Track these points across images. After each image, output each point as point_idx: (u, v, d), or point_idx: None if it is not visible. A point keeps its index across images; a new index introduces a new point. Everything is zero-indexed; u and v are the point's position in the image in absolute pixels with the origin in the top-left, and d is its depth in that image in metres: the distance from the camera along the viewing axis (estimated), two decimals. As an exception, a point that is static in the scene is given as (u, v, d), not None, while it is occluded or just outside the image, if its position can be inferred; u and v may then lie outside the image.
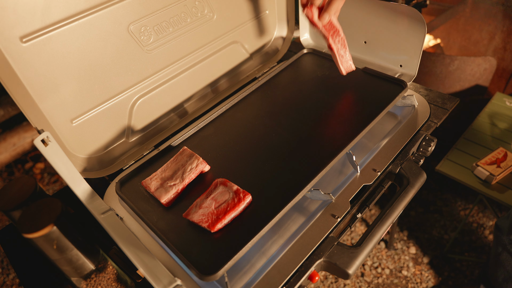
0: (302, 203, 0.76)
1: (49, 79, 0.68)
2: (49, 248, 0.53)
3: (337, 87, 0.92)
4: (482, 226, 1.71)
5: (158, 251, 0.67)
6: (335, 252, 0.66)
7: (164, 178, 0.74)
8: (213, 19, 0.92)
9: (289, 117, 0.87)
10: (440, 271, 1.59)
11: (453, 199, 1.82)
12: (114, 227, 0.64)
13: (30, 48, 0.64)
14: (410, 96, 0.89)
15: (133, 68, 0.80)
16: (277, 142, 0.80)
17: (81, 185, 0.67)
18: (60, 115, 0.72)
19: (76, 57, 0.70)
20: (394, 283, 1.58)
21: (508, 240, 1.16)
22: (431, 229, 1.73)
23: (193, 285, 0.61)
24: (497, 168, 1.32)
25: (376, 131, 0.89)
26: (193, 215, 0.66)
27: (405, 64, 0.94)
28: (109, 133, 0.82)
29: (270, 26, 1.09)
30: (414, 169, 0.78)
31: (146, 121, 0.88)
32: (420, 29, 0.85)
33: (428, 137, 0.84)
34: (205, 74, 0.97)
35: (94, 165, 0.81)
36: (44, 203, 0.54)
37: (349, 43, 1.04)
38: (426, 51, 1.75)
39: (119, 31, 0.75)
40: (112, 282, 0.63)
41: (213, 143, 0.84)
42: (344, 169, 0.82)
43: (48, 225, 0.51)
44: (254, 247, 0.70)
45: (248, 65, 1.07)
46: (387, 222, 0.70)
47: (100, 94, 0.77)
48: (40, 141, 0.58)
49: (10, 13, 0.60)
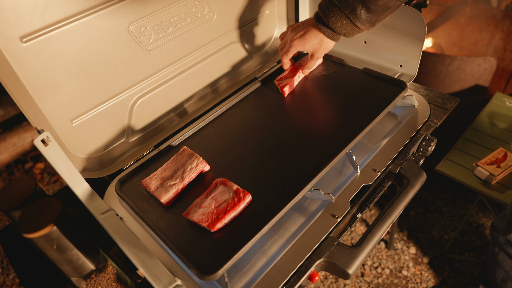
0: (302, 203, 0.76)
1: (49, 79, 0.68)
2: (49, 248, 0.53)
3: (337, 87, 0.92)
4: (482, 226, 1.71)
5: (158, 251, 0.67)
6: (335, 252, 0.66)
7: (164, 177, 0.74)
8: (213, 19, 0.92)
9: (289, 117, 0.87)
10: (440, 271, 1.59)
11: (453, 199, 1.82)
12: (114, 227, 0.64)
13: (30, 48, 0.64)
14: (410, 96, 0.89)
15: (133, 68, 0.80)
16: (277, 142, 0.80)
17: (81, 185, 0.67)
18: (60, 115, 0.72)
19: (76, 57, 0.70)
20: (394, 283, 1.58)
21: (504, 240, 1.16)
22: (431, 229, 1.73)
23: (193, 285, 0.61)
24: (497, 168, 1.32)
25: (376, 131, 0.89)
26: (193, 215, 0.66)
27: (405, 64, 0.94)
28: (109, 133, 0.82)
29: (270, 26, 1.09)
30: (414, 169, 0.78)
31: (146, 121, 0.88)
32: (420, 29, 0.85)
33: (428, 137, 0.84)
34: (205, 74, 0.97)
35: (94, 165, 0.81)
36: (44, 203, 0.54)
37: (349, 43, 1.04)
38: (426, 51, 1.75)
39: (119, 31, 0.75)
40: (112, 282, 0.63)
41: (213, 143, 0.84)
42: (344, 169, 0.82)
43: (48, 225, 0.51)
44: (254, 247, 0.70)
45: (248, 65, 1.07)
46: (387, 222, 0.70)
47: (100, 94, 0.77)
48: (40, 141, 0.58)
49: (10, 13, 0.60)
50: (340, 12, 0.74)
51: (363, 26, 0.75)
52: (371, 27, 0.76)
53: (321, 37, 0.82)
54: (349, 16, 0.73)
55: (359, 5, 0.71)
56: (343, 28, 0.76)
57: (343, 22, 0.75)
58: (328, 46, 0.84)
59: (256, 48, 1.08)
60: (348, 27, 0.76)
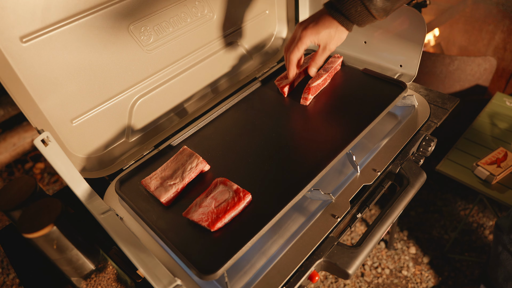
0: (302, 203, 0.76)
1: (49, 79, 0.68)
2: (49, 248, 0.53)
3: (337, 87, 0.92)
4: (482, 226, 1.71)
5: (158, 251, 0.67)
6: (335, 252, 0.66)
7: (164, 177, 0.74)
8: (213, 19, 0.92)
9: (289, 117, 0.87)
10: (440, 271, 1.59)
11: (453, 199, 1.82)
12: (114, 227, 0.64)
13: (30, 48, 0.64)
14: (410, 96, 0.89)
15: (133, 68, 0.80)
16: (277, 142, 0.80)
17: (81, 185, 0.67)
18: (60, 115, 0.72)
19: (76, 57, 0.70)
20: (394, 283, 1.58)
21: (508, 240, 1.16)
22: (431, 229, 1.73)
23: (193, 285, 0.61)
24: (497, 168, 1.32)
25: (376, 131, 0.89)
26: (193, 214, 0.66)
27: (405, 64, 0.94)
28: (109, 133, 0.82)
29: (270, 26, 1.09)
30: (414, 169, 0.78)
31: (146, 121, 0.88)
32: (420, 29, 0.85)
33: (428, 137, 0.84)
34: (205, 74, 0.97)
35: (94, 165, 0.81)
36: (44, 203, 0.54)
37: (349, 43, 1.04)
38: (426, 51, 1.75)
39: (119, 31, 0.75)
40: (112, 282, 0.63)
41: (213, 142, 0.84)
42: (344, 169, 0.81)
43: (48, 225, 0.51)
44: (254, 247, 0.70)
45: (248, 65, 1.07)
46: (387, 222, 0.70)
47: (100, 94, 0.77)
48: (40, 141, 0.58)
49: (10, 13, 0.60)
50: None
51: (377, 14, 0.72)
52: (385, 16, 0.73)
53: (336, 25, 0.76)
54: (364, 2, 0.70)
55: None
56: (357, 15, 0.73)
57: (357, 9, 0.72)
58: (341, 36, 0.79)
59: (256, 48, 1.08)
60: (363, 14, 0.73)
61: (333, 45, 0.80)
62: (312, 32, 0.78)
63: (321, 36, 0.78)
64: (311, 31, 0.78)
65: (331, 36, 0.78)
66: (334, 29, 0.77)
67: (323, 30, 0.77)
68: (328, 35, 0.78)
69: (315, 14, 0.79)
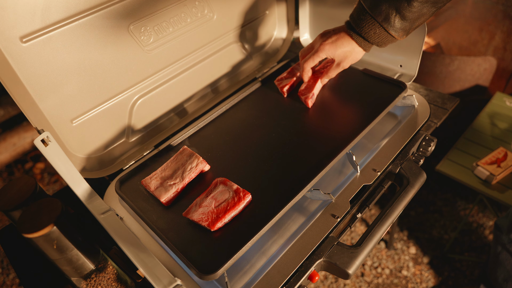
0: (302, 203, 0.76)
1: (49, 79, 0.68)
2: (49, 248, 0.53)
3: (337, 87, 0.92)
4: (482, 226, 1.71)
5: (158, 250, 0.67)
6: (335, 252, 0.66)
7: (164, 177, 0.74)
8: (213, 19, 0.92)
9: (289, 117, 0.87)
10: (440, 271, 1.59)
11: (453, 199, 1.82)
12: (114, 227, 0.64)
13: (30, 48, 0.64)
14: (410, 96, 0.89)
15: (133, 68, 0.80)
16: (277, 142, 0.80)
17: (81, 185, 0.67)
18: (60, 115, 0.72)
19: (76, 57, 0.70)
20: (394, 283, 1.58)
21: (507, 240, 1.17)
22: (431, 229, 1.73)
23: (193, 285, 0.61)
24: (497, 168, 1.32)
25: (376, 131, 0.89)
26: (193, 214, 0.66)
27: (405, 64, 0.94)
28: (109, 133, 0.82)
29: (270, 27, 1.09)
30: (414, 169, 0.78)
31: (146, 121, 0.88)
32: (420, 29, 0.85)
33: (428, 137, 0.84)
34: (205, 74, 0.97)
35: (94, 165, 0.81)
36: (44, 203, 0.54)
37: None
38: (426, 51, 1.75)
39: (119, 31, 0.75)
40: (112, 282, 0.63)
41: (213, 142, 0.84)
42: (344, 169, 0.82)
43: (48, 225, 0.51)
44: (254, 247, 0.70)
45: (248, 65, 1.07)
46: (387, 222, 0.70)
47: (100, 94, 0.77)
48: (40, 141, 0.58)
49: (10, 13, 0.60)
50: (373, 20, 0.71)
51: (397, 35, 0.72)
52: (405, 35, 0.73)
53: (353, 45, 0.78)
54: (382, 24, 0.71)
55: (393, 12, 0.69)
56: (376, 37, 0.74)
57: (376, 31, 0.73)
58: (357, 56, 0.80)
59: (256, 48, 1.08)
60: (382, 36, 0.73)
61: (347, 63, 0.82)
62: (330, 48, 0.80)
63: (338, 53, 0.80)
64: (329, 47, 0.80)
65: (347, 56, 0.80)
66: (351, 49, 0.79)
67: (341, 48, 0.79)
68: (344, 54, 0.80)
69: (337, 29, 0.81)
